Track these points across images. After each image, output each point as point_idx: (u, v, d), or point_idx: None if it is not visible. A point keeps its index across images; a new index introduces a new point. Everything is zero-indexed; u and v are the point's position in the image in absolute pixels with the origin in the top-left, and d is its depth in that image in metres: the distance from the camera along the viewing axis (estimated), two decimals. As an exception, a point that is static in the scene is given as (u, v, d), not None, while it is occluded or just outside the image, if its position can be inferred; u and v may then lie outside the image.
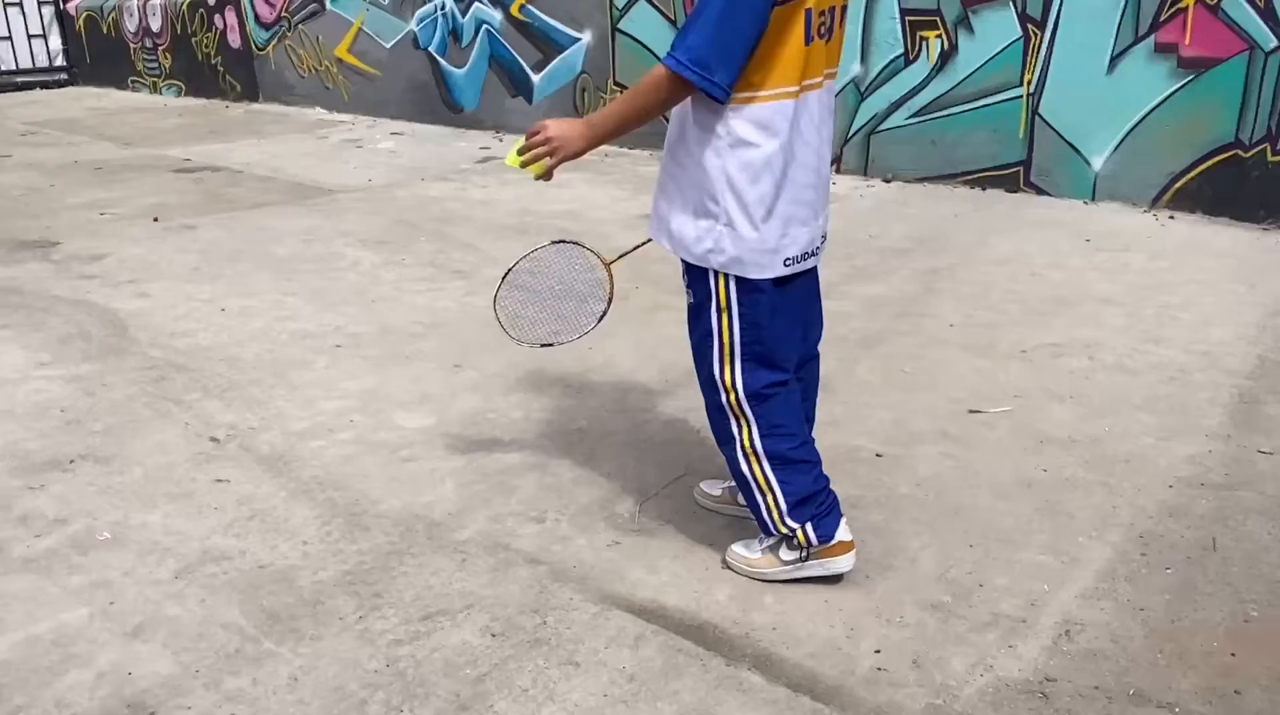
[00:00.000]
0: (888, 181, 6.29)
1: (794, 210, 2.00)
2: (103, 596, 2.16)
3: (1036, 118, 5.68)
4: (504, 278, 2.21)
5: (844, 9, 2.01)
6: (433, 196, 6.20)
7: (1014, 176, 5.84)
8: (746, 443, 2.11)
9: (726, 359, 2.07)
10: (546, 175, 2.06)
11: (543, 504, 2.53)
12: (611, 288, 2.30)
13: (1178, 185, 5.30)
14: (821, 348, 2.33)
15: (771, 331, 2.05)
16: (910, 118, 6.16)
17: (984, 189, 5.94)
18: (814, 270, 2.18)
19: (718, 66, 1.82)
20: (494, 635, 2.01)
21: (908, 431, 2.90)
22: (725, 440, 2.15)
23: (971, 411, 3.03)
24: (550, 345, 2.25)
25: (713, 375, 2.10)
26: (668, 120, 2.06)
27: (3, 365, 3.49)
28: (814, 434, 2.25)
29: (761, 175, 1.94)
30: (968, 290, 4.18)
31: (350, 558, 2.29)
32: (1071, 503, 2.50)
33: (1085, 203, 5.57)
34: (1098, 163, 5.52)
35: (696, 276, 2.05)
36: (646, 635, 2.01)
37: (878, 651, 1.96)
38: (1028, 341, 3.59)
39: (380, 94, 9.43)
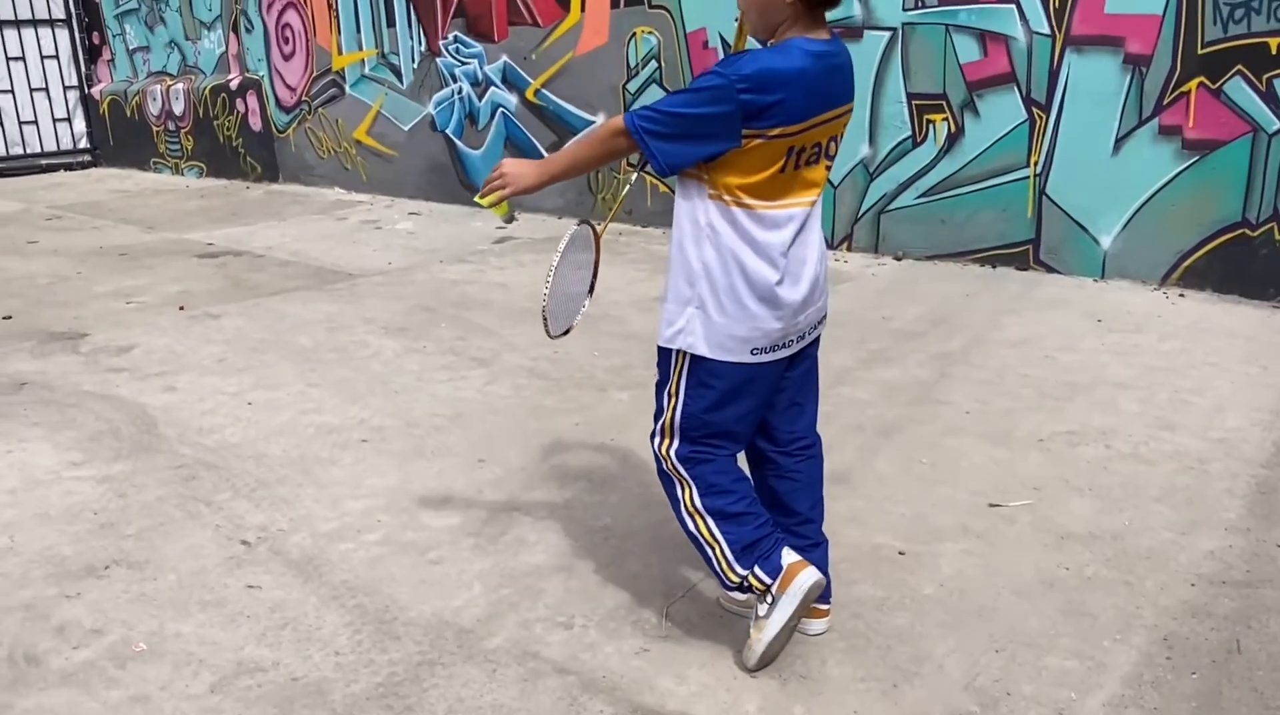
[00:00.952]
0: (898, 259, 6.38)
1: (769, 305, 2.10)
2: (141, 713, 2.19)
3: (1044, 198, 5.78)
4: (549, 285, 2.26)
5: (839, 136, 2.11)
6: (451, 279, 6.31)
7: (1023, 254, 5.93)
8: (688, 502, 2.25)
9: (667, 435, 2.24)
10: (509, 216, 2.27)
11: (570, 608, 2.56)
12: (598, 254, 2.36)
13: (1187, 263, 5.37)
14: (841, 437, 2.41)
15: (723, 414, 2.18)
16: (919, 197, 6.27)
17: (994, 267, 6.03)
18: (807, 353, 2.28)
19: (667, 144, 1.97)
20: (526, 751, 2.03)
21: (929, 527, 2.93)
22: (672, 502, 2.30)
23: (992, 505, 3.06)
24: (570, 330, 2.33)
25: (654, 446, 2.28)
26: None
27: (36, 466, 3.56)
28: (835, 529, 2.31)
29: (732, 269, 2.07)
30: (982, 375, 4.23)
31: (382, 669, 2.32)
32: (1094, 602, 2.52)
33: (1095, 280, 5.64)
34: (1106, 241, 5.61)
35: (663, 357, 2.21)
36: (677, 749, 2.03)
37: (908, 765, 1.98)
38: (1044, 429, 3.63)
39: (398, 174, 9.63)
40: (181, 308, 5.75)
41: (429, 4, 8.89)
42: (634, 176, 2.36)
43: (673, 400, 2.20)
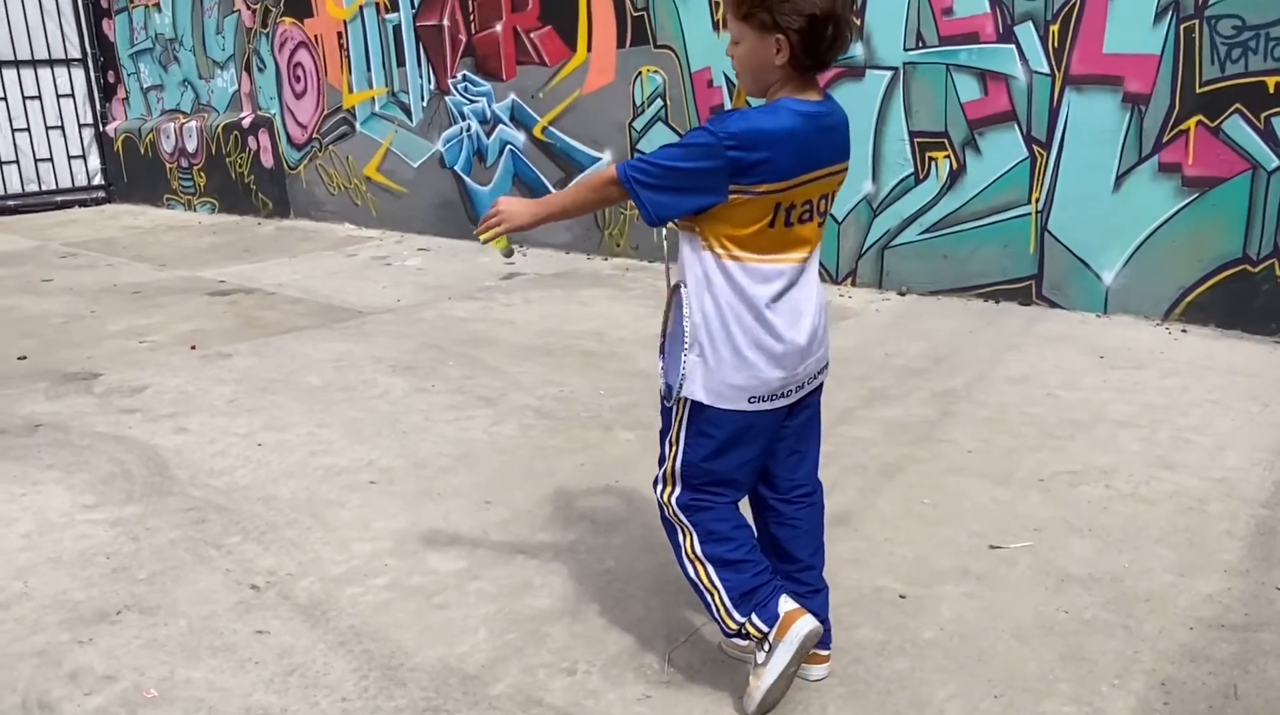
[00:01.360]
0: (902, 294, 6.43)
1: (766, 357, 2.14)
2: (151, 760, 2.23)
3: (1046, 234, 5.83)
4: None
5: (831, 194, 2.16)
6: (459, 317, 6.38)
7: (1026, 290, 5.97)
8: (689, 549, 2.29)
9: (669, 482, 2.29)
10: (508, 251, 2.36)
11: (573, 653, 2.59)
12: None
13: (1189, 299, 5.40)
14: (843, 478, 2.44)
15: (724, 462, 2.23)
16: (922, 233, 6.33)
17: (997, 302, 6.07)
18: (808, 401, 2.31)
19: (656, 195, 2.05)
20: (530, 799, 2.06)
21: (930, 569, 2.96)
22: (674, 548, 2.34)
23: (992, 547, 3.08)
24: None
25: (656, 493, 2.33)
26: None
27: (50, 509, 3.61)
28: (837, 571, 2.34)
29: (729, 318, 2.12)
30: (984, 413, 4.26)
31: (388, 715, 2.36)
32: (1093, 646, 2.54)
33: (1098, 316, 5.68)
34: (1108, 277, 5.65)
35: (665, 405, 2.27)
36: (678, 797, 2.05)
37: (906, 813, 2.00)
38: (1045, 468, 3.66)
39: (407, 210, 9.75)
40: (193, 347, 5.82)
41: (438, 44, 9.04)
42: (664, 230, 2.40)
43: (674, 448, 2.25)
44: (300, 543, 3.29)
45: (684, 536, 2.29)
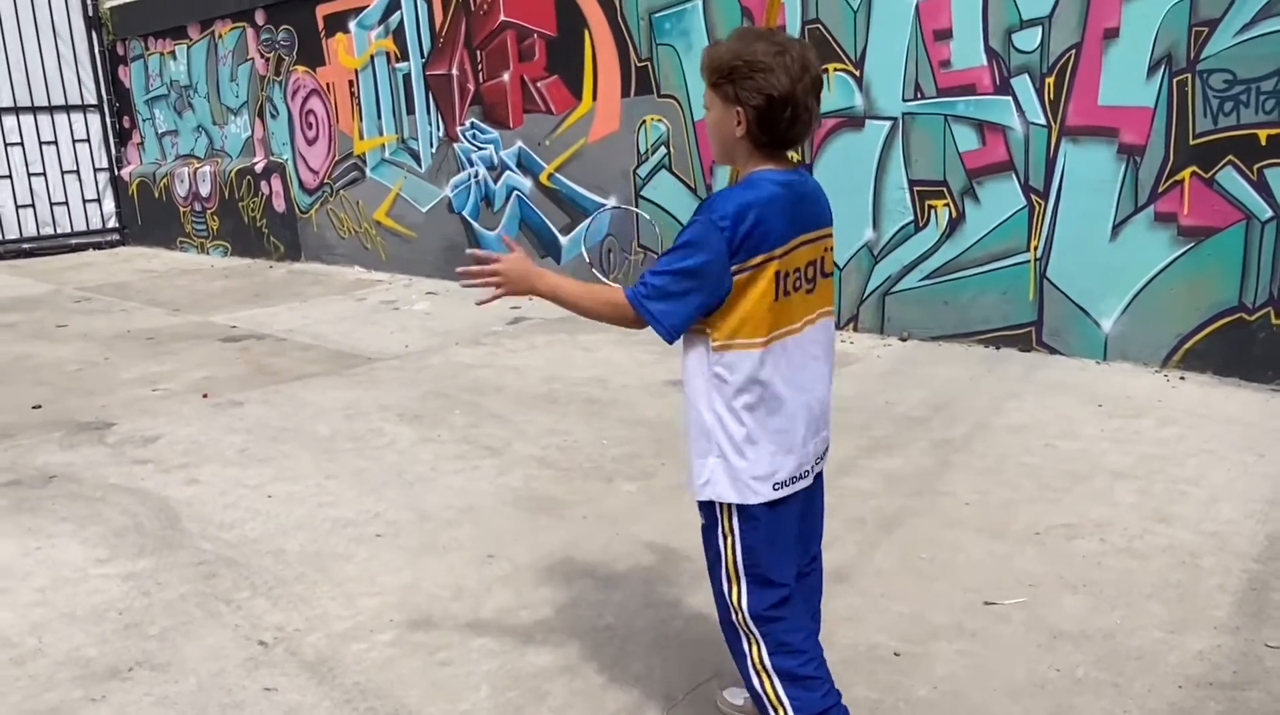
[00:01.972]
0: (903, 340, 6.50)
1: (780, 440, 2.18)
2: (160, 820, 2.29)
3: (1045, 281, 5.91)
4: None
5: (825, 258, 2.23)
6: (465, 363, 6.47)
7: (1026, 336, 6.03)
8: (756, 659, 2.25)
9: (733, 580, 2.24)
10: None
11: (573, 712, 2.65)
12: None
13: (1186, 346, 5.46)
14: (842, 532, 2.49)
15: (769, 554, 2.22)
16: (923, 280, 6.41)
17: (997, 348, 6.13)
18: (815, 479, 2.34)
19: (668, 312, 2.08)
20: None
21: (925, 626, 3.01)
22: (738, 655, 2.29)
23: (987, 603, 3.13)
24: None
25: (722, 593, 2.27)
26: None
27: (64, 562, 3.69)
28: (832, 628, 2.37)
29: (741, 411, 2.14)
30: (983, 463, 4.31)
31: (392, 775, 2.41)
32: (1083, 706, 2.59)
33: (1098, 362, 5.74)
34: (1107, 324, 5.71)
35: (704, 502, 2.24)
36: None
37: None
38: (1041, 521, 3.71)
39: (416, 253, 9.88)
40: (205, 395, 5.92)
41: (447, 93, 9.21)
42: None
43: (728, 540, 2.21)
44: (308, 597, 3.35)
45: (751, 645, 2.25)
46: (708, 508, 2.24)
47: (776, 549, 2.23)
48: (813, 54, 2.09)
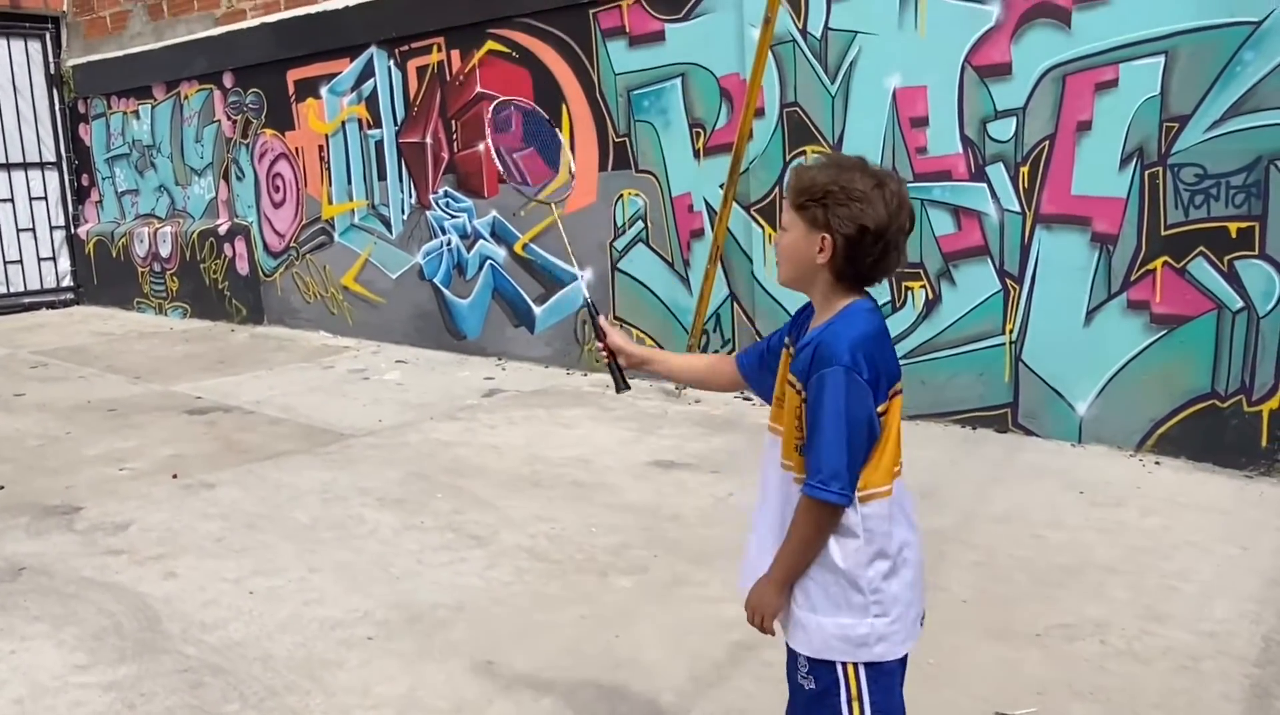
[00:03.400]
0: (882, 419, 6.54)
1: (916, 591, 2.13)
2: None
3: (1020, 363, 6.00)
4: None
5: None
6: (443, 440, 6.38)
7: (1002, 417, 6.11)
8: None
9: None
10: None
11: (591, 842, 2.57)
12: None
13: (1160, 431, 5.56)
14: None
15: (895, 699, 2.14)
16: (900, 359, 6.45)
17: (974, 428, 6.20)
18: None
19: (851, 473, 1.97)
20: None
21: (937, 740, 2.99)
22: None
23: (998, 714, 3.12)
24: None
25: None
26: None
27: (40, 669, 3.54)
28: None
29: (884, 566, 2.05)
30: (974, 556, 4.33)
31: None
32: (1106, 830, 2.57)
33: (1073, 445, 5.82)
34: (1082, 407, 5.81)
35: (820, 666, 2.09)
36: None
37: None
38: (1040, 621, 3.71)
39: (384, 320, 9.80)
40: (175, 476, 5.77)
41: (420, 160, 9.21)
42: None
43: (855, 704, 2.06)
44: (301, 710, 3.24)
45: None
46: (826, 672, 2.07)
47: (896, 697, 2.14)
48: (906, 192, 2.03)
